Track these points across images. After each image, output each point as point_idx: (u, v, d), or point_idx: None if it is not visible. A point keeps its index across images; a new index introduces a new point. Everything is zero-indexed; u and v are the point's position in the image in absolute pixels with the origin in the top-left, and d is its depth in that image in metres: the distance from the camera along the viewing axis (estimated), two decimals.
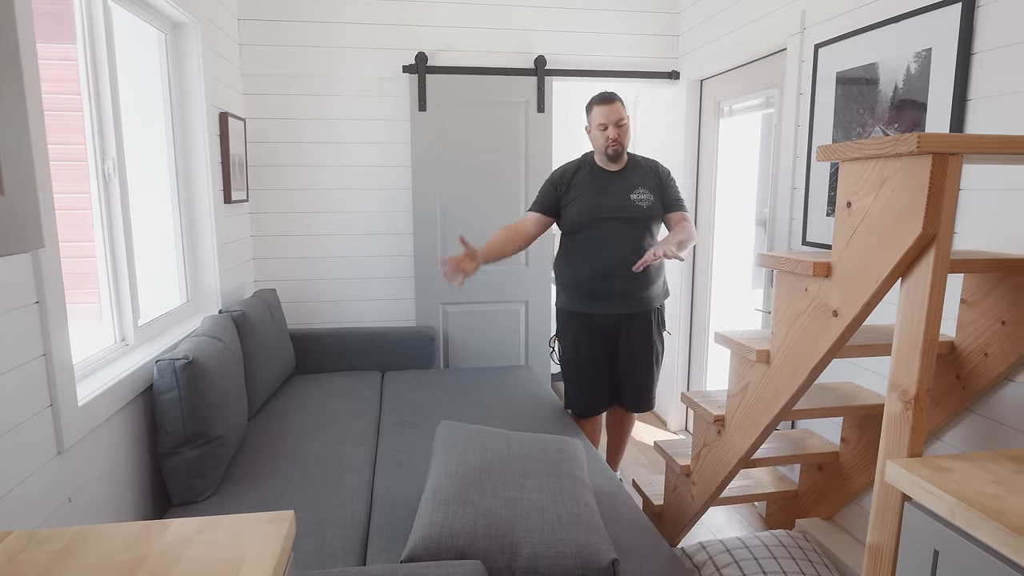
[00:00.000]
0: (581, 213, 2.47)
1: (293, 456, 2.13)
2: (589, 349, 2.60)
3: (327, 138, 3.24)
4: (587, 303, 2.55)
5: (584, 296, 2.54)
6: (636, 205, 2.46)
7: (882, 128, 2.03)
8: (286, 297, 3.31)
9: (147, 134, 2.37)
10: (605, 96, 2.44)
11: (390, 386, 2.92)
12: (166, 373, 1.82)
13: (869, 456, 2.09)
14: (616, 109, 2.42)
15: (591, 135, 2.50)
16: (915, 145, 1.12)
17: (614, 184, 2.49)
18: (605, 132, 2.43)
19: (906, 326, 1.23)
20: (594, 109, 2.46)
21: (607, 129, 2.42)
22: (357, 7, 3.16)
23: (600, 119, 2.43)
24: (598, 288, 2.51)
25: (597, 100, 2.45)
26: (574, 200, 2.49)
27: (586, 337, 2.59)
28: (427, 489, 1.54)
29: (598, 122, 2.44)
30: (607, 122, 2.42)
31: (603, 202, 2.46)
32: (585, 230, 2.48)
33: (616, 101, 2.43)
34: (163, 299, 2.45)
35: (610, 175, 2.51)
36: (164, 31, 2.38)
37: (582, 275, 2.52)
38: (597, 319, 2.56)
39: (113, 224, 1.99)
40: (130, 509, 1.80)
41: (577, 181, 2.51)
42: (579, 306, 2.57)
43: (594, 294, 2.52)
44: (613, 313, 2.53)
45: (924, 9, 1.85)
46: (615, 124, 2.42)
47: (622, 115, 2.43)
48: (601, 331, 2.58)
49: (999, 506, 1.03)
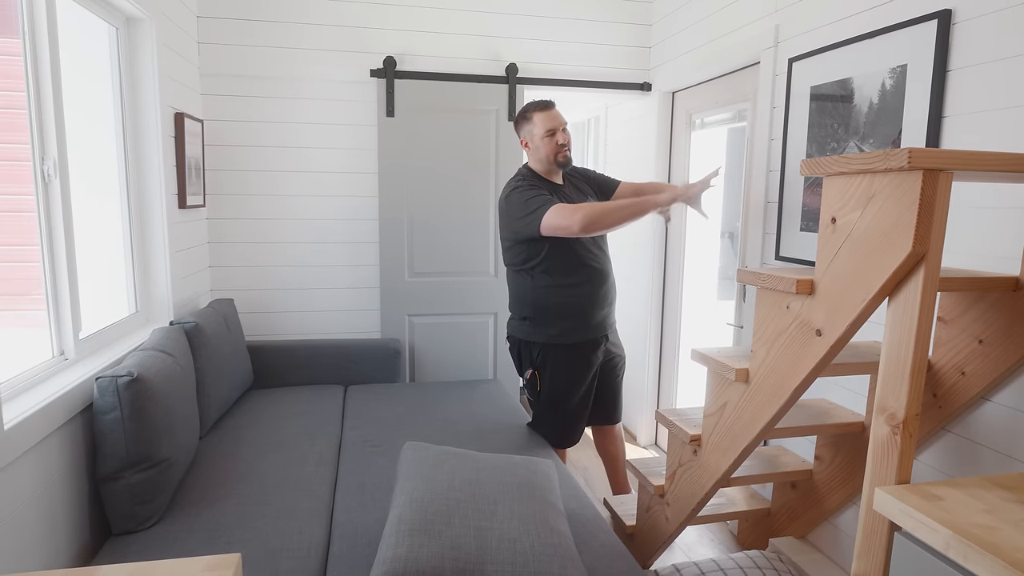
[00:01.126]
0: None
1: (247, 479, 2.00)
2: (588, 383, 2.40)
3: (290, 142, 3.12)
4: (595, 328, 2.36)
5: (590, 322, 2.35)
6: None
7: (857, 143, 2.02)
8: (244, 307, 3.17)
9: (95, 134, 2.23)
10: (543, 103, 2.33)
11: (353, 401, 2.80)
12: (107, 391, 1.68)
13: (843, 475, 2.06)
14: (558, 114, 2.33)
15: (533, 145, 2.33)
16: (906, 160, 1.08)
17: (572, 196, 2.38)
18: (554, 138, 2.30)
19: (894, 348, 1.19)
20: (535, 117, 2.32)
21: (555, 135, 2.30)
22: (324, 8, 3.06)
23: (548, 125, 2.29)
24: (596, 307, 2.34)
25: (536, 107, 2.32)
26: None
27: (584, 371, 2.37)
28: (391, 518, 1.44)
29: (546, 128, 2.29)
30: (555, 127, 2.30)
31: None
32: (571, 250, 2.29)
33: (555, 106, 2.34)
34: (109, 309, 2.29)
35: (559, 187, 2.38)
36: (116, 25, 2.25)
37: (587, 299, 2.32)
38: (598, 344, 2.39)
39: (53, 229, 1.84)
40: (65, 541, 1.66)
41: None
42: (586, 334, 2.34)
43: (595, 315, 2.35)
44: (606, 333, 2.43)
45: (900, 25, 1.84)
46: (564, 129, 2.32)
47: (565, 121, 2.35)
48: (600, 357, 2.43)
49: (993, 538, 0.98)
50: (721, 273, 3.41)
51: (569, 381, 2.37)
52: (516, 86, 3.24)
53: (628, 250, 3.68)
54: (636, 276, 3.59)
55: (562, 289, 2.31)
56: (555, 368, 2.36)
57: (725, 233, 3.40)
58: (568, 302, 2.32)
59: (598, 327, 2.38)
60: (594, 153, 4.30)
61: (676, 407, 3.00)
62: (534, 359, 2.39)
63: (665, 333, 3.45)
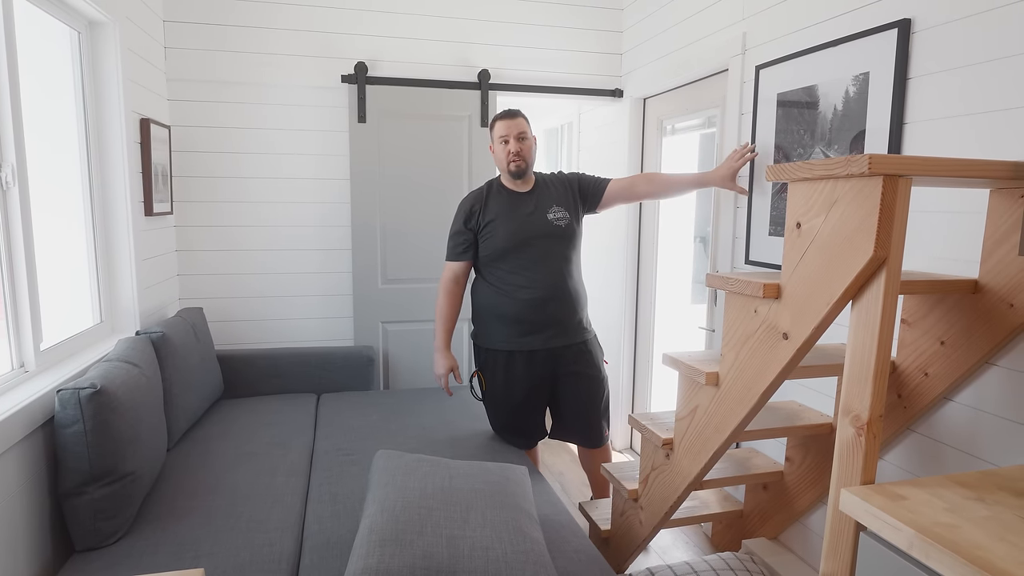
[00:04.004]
0: (504, 238, 2.32)
1: (216, 490, 1.96)
2: (523, 388, 2.40)
3: (260, 148, 3.08)
4: (522, 339, 2.35)
5: (518, 330, 2.35)
6: (555, 225, 2.35)
7: (822, 149, 2.06)
8: (214, 316, 3.11)
9: (57, 140, 2.18)
10: (508, 111, 2.37)
11: (326, 410, 2.77)
12: (69, 404, 1.64)
13: (813, 475, 2.09)
14: (518, 124, 2.34)
15: (494, 153, 2.40)
16: (867, 166, 1.10)
17: (528, 204, 2.38)
18: (507, 146, 2.33)
19: (858, 351, 1.21)
20: (496, 124, 2.37)
21: (508, 143, 2.33)
22: (293, 13, 3.03)
23: (501, 132, 2.34)
24: (534, 318, 2.33)
25: (499, 115, 2.38)
26: (491, 227, 2.35)
27: (519, 375, 2.39)
28: (362, 528, 1.42)
29: (500, 135, 2.35)
30: (508, 135, 2.33)
31: (524, 224, 2.33)
32: (509, 256, 2.33)
33: (519, 116, 2.36)
34: (72, 320, 2.24)
35: (522, 196, 2.39)
36: (78, 29, 2.20)
37: (515, 306, 2.33)
38: (535, 356, 2.37)
39: (12, 237, 1.79)
40: (26, 558, 1.61)
41: (490, 206, 2.37)
42: (513, 343, 2.37)
43: (530, 325, 2.34)
44: (551, 347, 2.37)
45: (862, 34, 1.88)
46: (516, 137, 2.33)
47: (524, 129, 2.35)
48: (536, 367, 2.38)
49: (954, 536, 1.00)
50: (695, 277, 3.44)
51: (505, 393, 2.44)
52: (488, 92, 3.25)
53: (601, 255, 3.70)
54: (609, 280, 3.61)
55: (496, 293, 2.39)
56: (490, 373, 2.47)
57: (698, 237, 3.43)
58: (500, 306, 2.39)
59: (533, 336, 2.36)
60: (567, 159, 4.33)
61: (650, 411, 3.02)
62: (481, 361, 2.51)
63: (639, 337, 3.47)
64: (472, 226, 2.38)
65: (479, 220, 2.38)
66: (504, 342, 2.38)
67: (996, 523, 1.03)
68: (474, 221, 2.38)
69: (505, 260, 2.35)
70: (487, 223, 2.36)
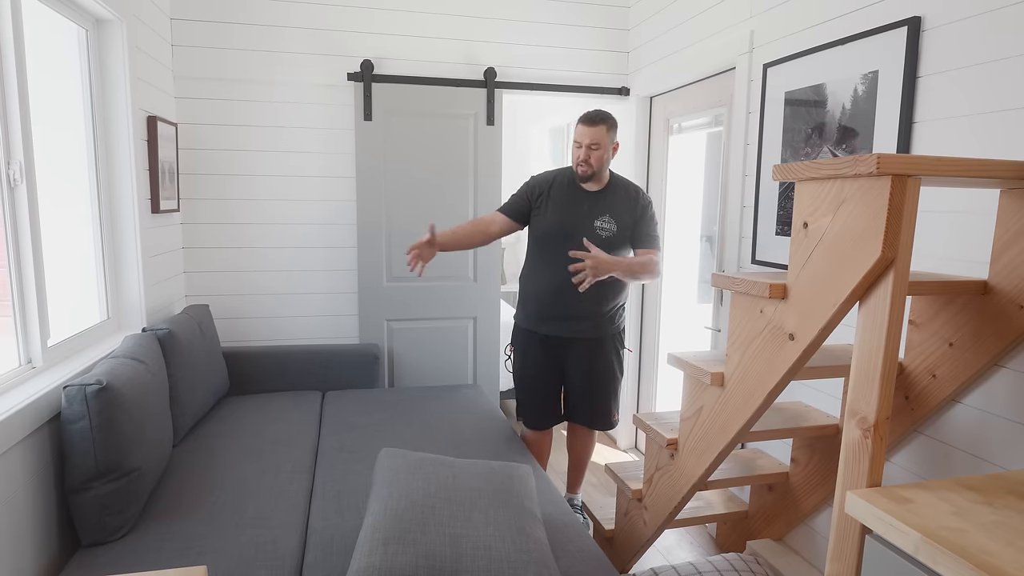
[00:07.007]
0: (550, 223, 2.43)
1: (221, 487, 1.97)
2: (537, 367, 2.56)
3: (266, 146, 3.08)
4: (537, 322, 2.51)
5: (536, 312, 2.51)
6: (596, 233, 2.39)
7: (830, 148, 2.04)
8: (220, 313, 3.12)
9: (64, 137, 2.19)
10: (590, 116, 2.37)
11: (331, 407, 2.77)
12: (75, 400, 1.64)
13: (819, 477, 2.08)
14: (594, 132, 2.34)
15: (572, 150, 2.48)
16: (875, 166, 1.09)
17: (584, 205, 2.43)
18: (579, 150, 2.39)
19: (864, 352, 1.20)
20: (577, 126, 2.41)
21: (580, 148, 2.38)
22: (300, 11, 3.03)
23: (577, 136, 2.40)
24: (549, 305, 2.46)
25: (581, 119, 2.40)
26: (544, 211, 2.46)
27: (534, 355, 2.56)
28: (365, 526, 1.42)
29: (574, 139, 2.42)
30: (581, 142, 2.37)
31: (568, 220, 2.41)
32: (549, 243, 2.44)
33: (599, 125, 2.35)
34: (79, 317, 2.25)
35: (584, 194, 2.45)
36: (85, 27, 2.21)
37: (538, 289, 2.49)
38: (546, 339, 2.52)
39: (19, 234, 1.80)
40: (32, 554, 1.61)
41: (552, 192, 2.46)
42: (531, 325, 2.53)
43: (545, 311, 2.48)
44: (560, 336, 2.49)
45: (871, 32, 1.86)
46: (587, 146, 2.36)
47: (598, 140, 2.34)
48: (549, 351, 2.54)
49: (961, 540, 0.99)
50: (701, 276, 3.43)
51: (522, 364, 2.61)
52: (495, 90, 3.24)
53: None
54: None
55: (531, 272, 2.54)
56: (516, 345, 2.65)
57: (704, 236, 3.42)
58: (529, 286, 2.55)
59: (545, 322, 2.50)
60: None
61: (655, 411, 3.02)
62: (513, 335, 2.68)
63: (644, 337, 3.46)
64: (532, 198, 2.50)
65: (538, 197, 2.49)
66: (526, 322, 2.56)
67: (1004, 527, 1.02)
68: (535, 196, 2.49)
69: (547, 246, 2.45)
70: (544, 203, 2.47)
